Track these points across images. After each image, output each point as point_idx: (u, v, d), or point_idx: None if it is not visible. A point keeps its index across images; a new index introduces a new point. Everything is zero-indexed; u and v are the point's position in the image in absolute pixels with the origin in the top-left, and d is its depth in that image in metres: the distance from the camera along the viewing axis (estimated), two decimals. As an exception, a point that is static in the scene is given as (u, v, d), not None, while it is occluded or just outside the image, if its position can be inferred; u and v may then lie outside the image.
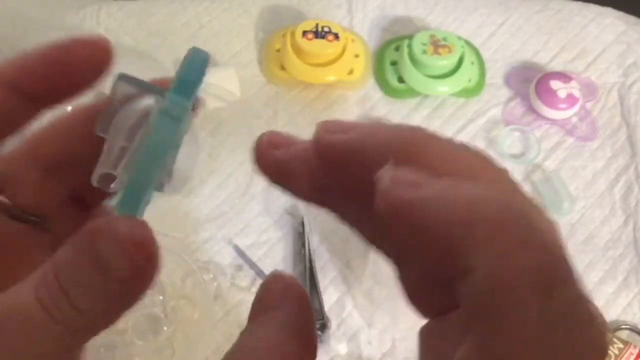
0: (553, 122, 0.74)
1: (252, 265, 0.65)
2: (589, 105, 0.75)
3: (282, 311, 0.20)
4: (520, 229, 0.16)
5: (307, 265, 0.64)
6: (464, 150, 0.19)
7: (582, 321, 0.16)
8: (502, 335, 0.15)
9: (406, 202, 0.17)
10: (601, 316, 0.17)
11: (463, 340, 0.16)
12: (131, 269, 0.19)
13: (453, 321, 0.17)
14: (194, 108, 0.22)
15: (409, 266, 0.19)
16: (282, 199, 0.68)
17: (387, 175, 0.17)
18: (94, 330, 0.20)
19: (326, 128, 0.20)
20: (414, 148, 0.18)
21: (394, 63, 0.77)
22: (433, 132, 0.19)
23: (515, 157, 0.72)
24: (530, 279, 0.15)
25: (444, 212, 0.16)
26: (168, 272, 0.64)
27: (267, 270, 0.65)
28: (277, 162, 0.21)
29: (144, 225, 0.19)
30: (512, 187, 0.19)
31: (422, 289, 0.19)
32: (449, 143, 0.19)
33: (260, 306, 0.21)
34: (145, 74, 0.24)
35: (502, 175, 0.19)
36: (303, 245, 0.65)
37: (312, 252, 0.65)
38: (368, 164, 0.18)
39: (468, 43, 0.77)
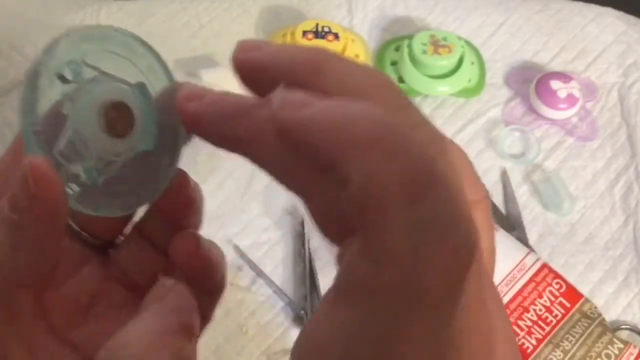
0: (553, 122, 0.74)
1: (252, 265, 0.65)
2: (589, 105, 0.75)
3: (163, 303, 0.23)
4: (391, 143, 0.16)
5: (307, 265, 0.64)
6: (361, 70, 0.19)
7: (448, 227, 0.16)
8: (375, 242, 0.16)
9: (292, 122, 0.18)
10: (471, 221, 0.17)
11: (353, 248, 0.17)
12: (27, 194, 0.21)
13: (351, 242, 0.18)
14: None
15: (312, 197, 0.20)
16: (282, 199, 0.68)
17: (276, 97, 0.18)
18: (11, 279, 0.22)
19: (241, 46, 0.20)
20: (314, 67, 0.19)
21: (394, 63, 0.77)
22: (335, 53, 0.20)
23: (515, 157, 0.72)
24: (396, 188, 0.16)
25: (325, 129, 0.17)
26: (168, 272, 0.64)
27: (267, 270, 0.65)
28: (193, 116, 0.21)
29: (41, 159, 0.21)
30: (398, 105, 0.19)
31: (327, 219, 0.19)
32: (347, 64, 0.19)
33: (145, 302, 0.24)
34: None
35: (392, 93, 0.19)
36: (303, 245, 0.65)
37: (312, 252, 0.65)
38: (275, 85, 0.19)
39: (468, 43, 0.78)
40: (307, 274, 0.64)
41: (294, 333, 0.62)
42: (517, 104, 0.76)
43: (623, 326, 0.62)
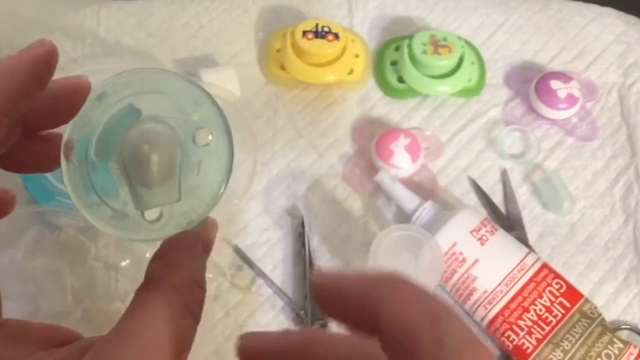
0: (553, 122, 0.74)
1: (252, 265, 0.65)
2: (589, 105, 0.75)
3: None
4: (411, 290, 0.22)
5: (307, 265, 0.64)
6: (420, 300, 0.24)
7: (466, 338, 0.21)
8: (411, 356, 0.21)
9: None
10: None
11: None
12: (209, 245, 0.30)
13: None
14: None
15: None
16: (282, 199, 0.68)
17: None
18: None
19: (318, 274, 0.26)
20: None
21: (394, 63, 0.77)
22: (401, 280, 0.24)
23: (515, 157, 0.72)
24: (420, 316, 0.21)
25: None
26: (168, 272, 0.64)
27: (267, 270, 0.65)
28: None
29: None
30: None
31: None
32: (411, 293, 0.23)
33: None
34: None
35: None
36: (303, 245, 0.65)
37: (312, 252, 0.65)
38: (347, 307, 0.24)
39: (468, 43, 0.78)
40: (307, 274, 0.64)
41: (294, 333, 0.62)
42: (517, 104, 0.76)
43: (623, 326, 0.63)
